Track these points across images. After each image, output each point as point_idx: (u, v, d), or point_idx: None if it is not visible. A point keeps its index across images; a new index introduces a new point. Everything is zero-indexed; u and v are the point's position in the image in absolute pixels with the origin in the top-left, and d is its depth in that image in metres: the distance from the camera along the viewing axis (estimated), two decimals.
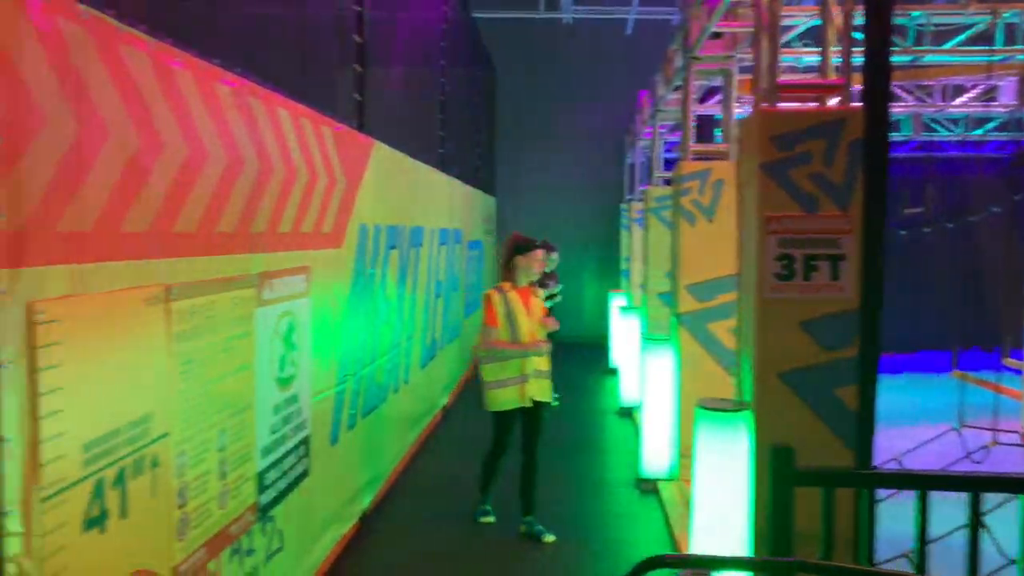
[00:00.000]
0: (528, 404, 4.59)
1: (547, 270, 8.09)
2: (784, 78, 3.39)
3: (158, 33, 2.46)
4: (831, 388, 3.13)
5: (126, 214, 2.26)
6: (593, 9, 12.51)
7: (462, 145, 8.93)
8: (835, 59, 3.44)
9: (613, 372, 9.99)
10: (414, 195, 6.11)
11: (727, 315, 5.32)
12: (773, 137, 3.14)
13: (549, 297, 7.83)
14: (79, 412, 2.03)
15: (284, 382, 3.48)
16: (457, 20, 8.28)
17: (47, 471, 1.91)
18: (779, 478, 2.41)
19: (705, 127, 8.20)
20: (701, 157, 5.52)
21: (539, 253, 4.65)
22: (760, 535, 3.07)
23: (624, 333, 8.24)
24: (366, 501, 4.85)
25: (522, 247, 4.62)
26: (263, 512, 3.26)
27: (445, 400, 7.82)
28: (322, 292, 3.95)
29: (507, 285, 4.64)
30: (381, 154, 5.01)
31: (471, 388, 9.11)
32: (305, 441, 3.75)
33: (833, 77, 3.38)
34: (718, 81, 6.71)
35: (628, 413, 7.89)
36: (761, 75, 3.54)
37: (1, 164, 1.76)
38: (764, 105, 3.34)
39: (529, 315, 4.59)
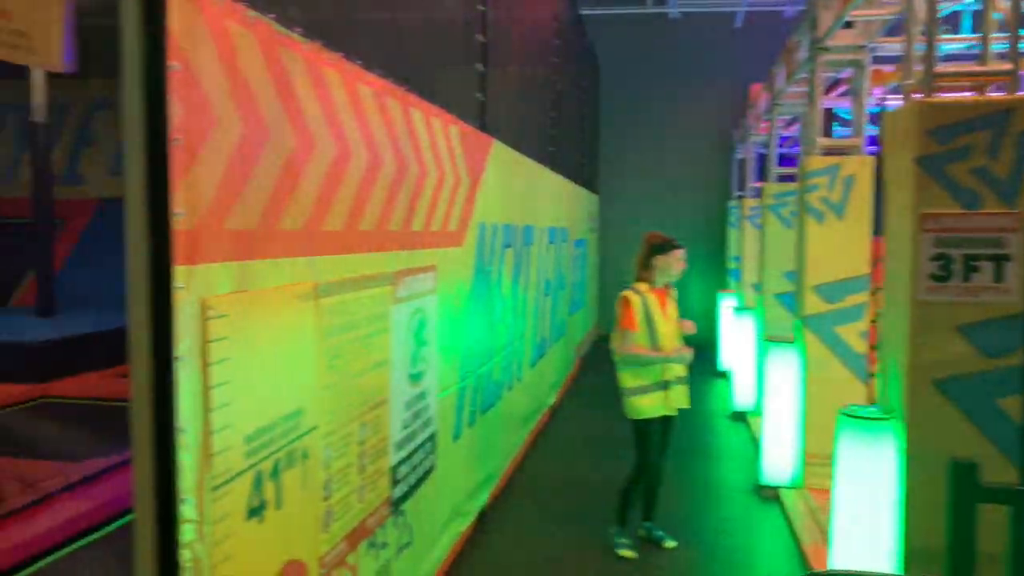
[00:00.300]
0: (673, 412, 4.37)
1: None
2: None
3: (306, 34, 2.52)
4: (993, 398, 2.92)
5: (283, 212, 2.32)
6: (701, 3, 12.23)
7: (568, 142, 8.88)
8: (995, 46, 3.21)
9: (722, 375, 9.73)
10: (527, 194, 6.11)
11: (857, 318, 5.07)
12: (929, 130, 2.95)
13: None
14: (243, 405, 2.09)
15: (415, 378, 3.52)
16: (567, 17, 8.23)
17: (216, 461, 1.97)
18: (962, 494, 2.25)
19: (824, 121, 7.85)
20: (828, 152, 5.28)
21: (679, 253, 4.40)
22: (915, 552, 2.89)
23: (736, 335, 7.99)
24: (484, 498, 4.87)
25: (661, 246, 4.40)
26: (395, 506, 3.31)
27: (553, 399, 7.79)
28: (447, 290, 3.98)
29: (644, 286, 4.40)
30: (499, 152, 5.02)
31: (577, 387, 9.07)
32: (432, 437, 3.79)
33: (994, 65, 3.15)
34: (843, 72, 6.41)
35: (742, 417, 7.66)
36: (911, 64, 3.33)
37: (180, 164, 1.83)
38: (917, 96, 3.14)
39: (667, 318, 4.36)
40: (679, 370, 4.38)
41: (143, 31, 1.78)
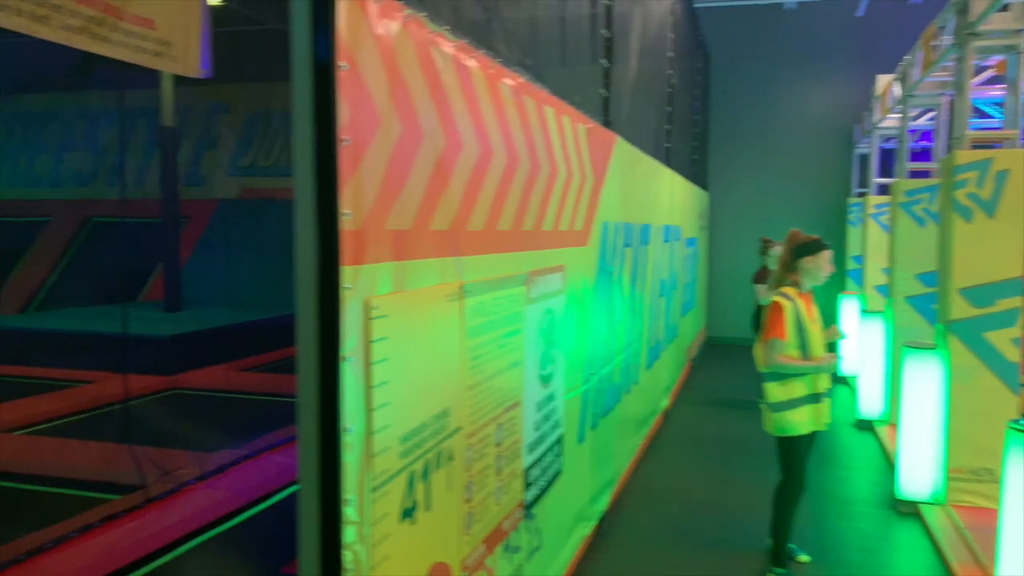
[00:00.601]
0: (823, 428, 4.04)
1: (772, 266, 7.64)
2: None
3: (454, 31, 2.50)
4: None
5: (434, 213, 2.30)
6: None
7: (681, 138, 8.67)
8: None
9: (843, 380, 9.29)
10: (645, 191, 5.97)
11: (1009, 323, 4.71)
12: None
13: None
14: (399, 405, 2.09)
15: (545, 379, 3.47)
16: (682, 10, 8.02)
17: (377, 462, 1.97)
18: None
19: None
20: (975, 145, 4.92)
21: (828, 254, 4.03)
22: None
23: (860, 339, 7.60)
24: (604, 503, 4.78)
25: (809, 247, 4.03)
26: (527, 509, 3.27)
27: (666, 402, 7.62)
28: (573, 290, 3.91)
29: (792, 291, 4.01)
30: (622, 149, 4.91)
31: (688, 390, 8.85)
32: (560, 440, 3.73)
33: None
34: (988, 60, 5.98)
35: (868, 426, 7.27)
36: None
37: (348, 165, 1.83)
38: None
39: (815, 325, 4.04)
40: (827, 381, 4.05)
41: (312, 30, 1.79)
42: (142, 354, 8.64)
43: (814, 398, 3.97)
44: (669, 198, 7.44)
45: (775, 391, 4.00)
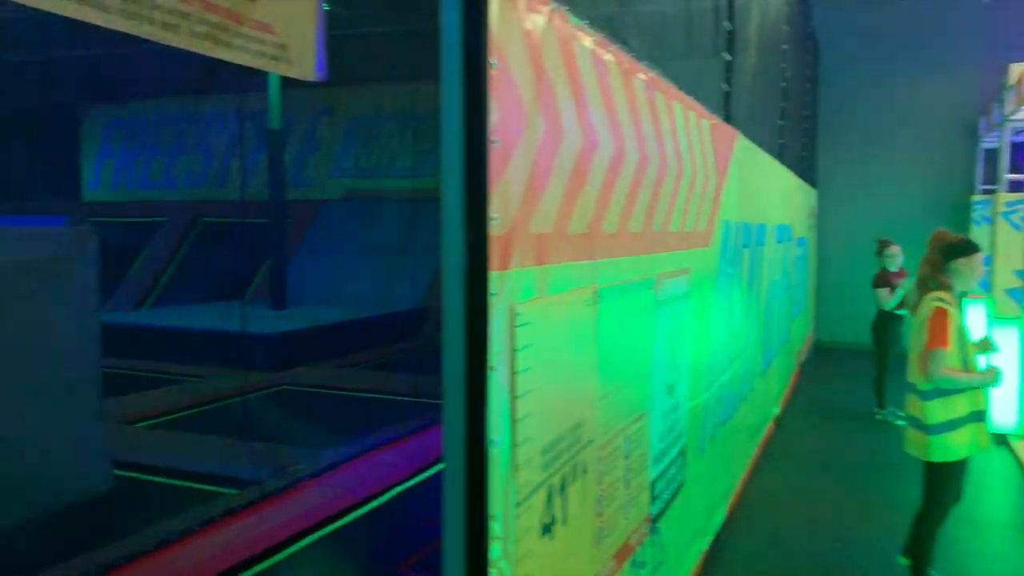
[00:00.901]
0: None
1: (892, 268, 7.22)
2: None
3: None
4: None
5: (572, 214, 2.21)
6: None
7: (793, 133, 8.31)
8: None
9: None
10: (761, 189, 5.73)
11: None
12: None
13: (901, 304, 6.97)
14: (540, 417, 2.00)
15: (670, 389, 3.33)
16: (796, 1, 7.69)
17: (520, 475, 1.89)
18: None
19: None
20: None
21: (981, 256, 3.70)
22: None
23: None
24: (720, 516, 4.59)
25: (963, 248, 3.68)
26: (653, 523, 3.14)
27: (776, 410, 7.31)
28: (697, 294, 3.75)
29: (948, 296, 3.65)
30: (741, 146, 4.70)
31: (797, 397, 8.48)
32: (683, 451, 3.58)
33: None
34: None
35: (1003, 440, 6.77)
36: None
37: (497, 167, 1.75)
38: None
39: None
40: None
41: (464, 26, 1.71)
42: (250, 351, 8.92)
43: (976, 416, 3.63)
44: (782, 196, 7.14)
45: (935, 410, 3.60)
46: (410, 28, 11.34)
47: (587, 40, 2.28)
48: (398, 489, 5.20)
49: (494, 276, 1.77)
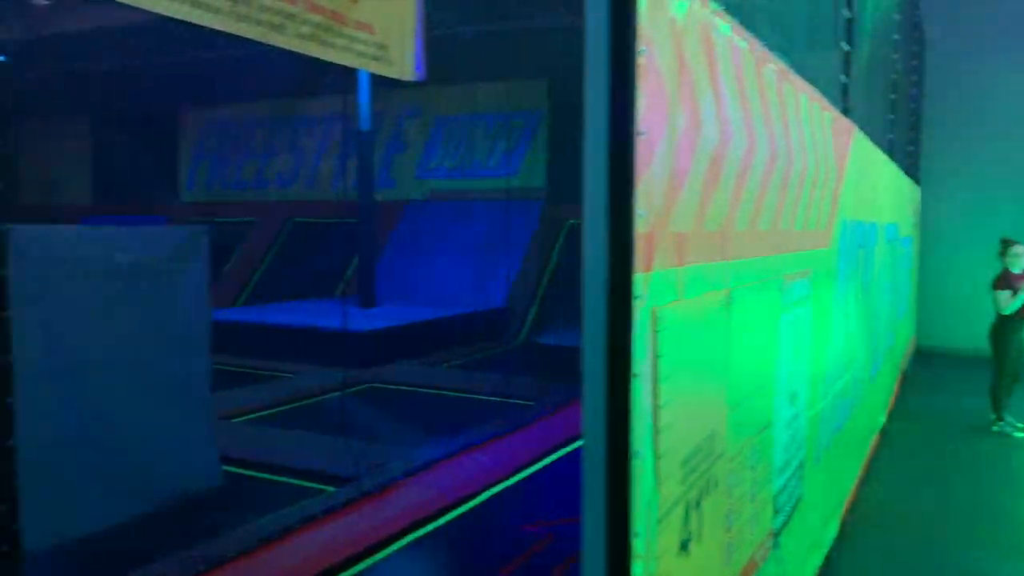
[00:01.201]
0: None
1: (1015, 270, 6.76)
2: None
3: None
4: None
5: (708, 211, 2.08)
6: None
7: (900, 127, 7.89)
8: None
9: None
10: (874, 186, 5.43)
11: None
12: None
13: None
14: (679, 428, 1.88)
15: (792, 397, 3.15)
16: None
17: (663, 490, 1.78)
18: None
19: None
20: None
21: None
22: None
23: None
24: (833, 529, 4.35)
25: None
26: (776, 538, 2.97)
27: (883, 419, 6.95)
28: (817, 297, 3.55)
29: None
30: (858, 141, 4.45)
31: (901, 404, 8.05)
32: (802, 462, 3.39)
33: None
34: None
35: None
36: None
37: (643, 160, 1.64)
38: None
39: None
40: None
41: (612, 11, 1.61)
42: (341, 348, 9.05)
43: None
44: (892, 194, 6.78)
45: None
46: (497, 28, 11.34)
47: (725, 26, 2.15)
48: (494, 490, 5.15)
49: (639, 278, 1.66)
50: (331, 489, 5.06)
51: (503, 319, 11.51)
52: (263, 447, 5.90)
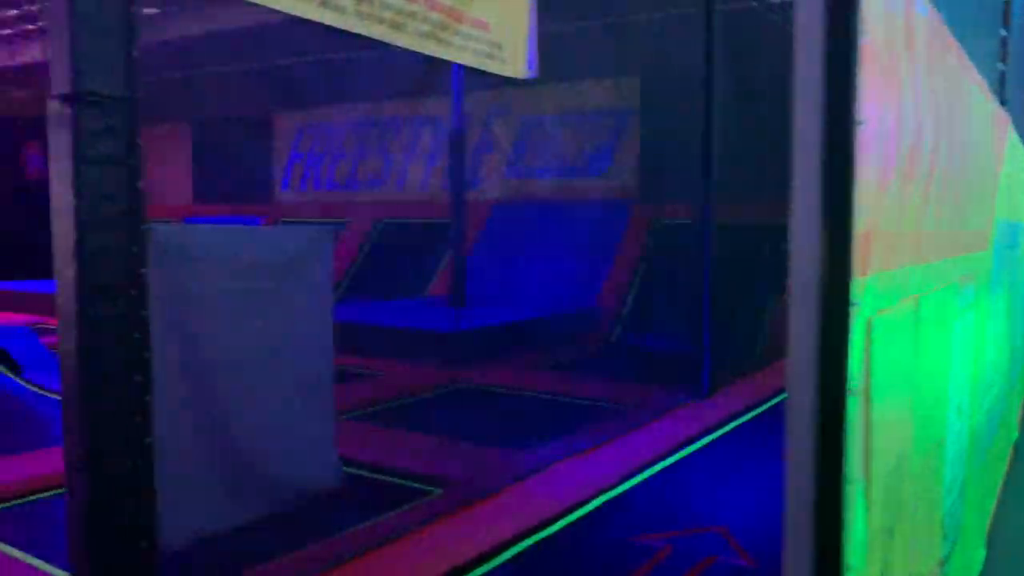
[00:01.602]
0: None
1: None
2: None
3: None
4: None
5: (905, 210, 1.89)
6: None
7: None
8: None
9: None
10: (1021, 183, 5.04)
11: None
12: None
13: None
14: (883, 450, 1.70)
15: (959, 411, 2.90)
16: None
17: (871, 519, 1.60)
18: None
19: None
20: None
21: None
22: None
23: None
24: (982, 553, 4.04)
25: None
26: (943, 567, 2.73)
27: (1016, 433, 6.48)
28: (978, 302, 3.27)
29: None
30: (1012, 134, 4.12)
31: None
32: (964, 481, 3.13)
33: None
34: None
35: None
36: None
37: (864, 151, 1.47)
38: None
39: None
40: None
41: None
42: (431, 348, 9.07)
43: None
44: None
45: None
46: (588, 25, 11.19)
47: (924, 7, 1.95)
48: (603, 498, 5.00)
49: (855, 283, 1.49)
50: (437, 491, 5.02)
51: (594, 320, 11.34)
52: (367, 446, 5.90)
